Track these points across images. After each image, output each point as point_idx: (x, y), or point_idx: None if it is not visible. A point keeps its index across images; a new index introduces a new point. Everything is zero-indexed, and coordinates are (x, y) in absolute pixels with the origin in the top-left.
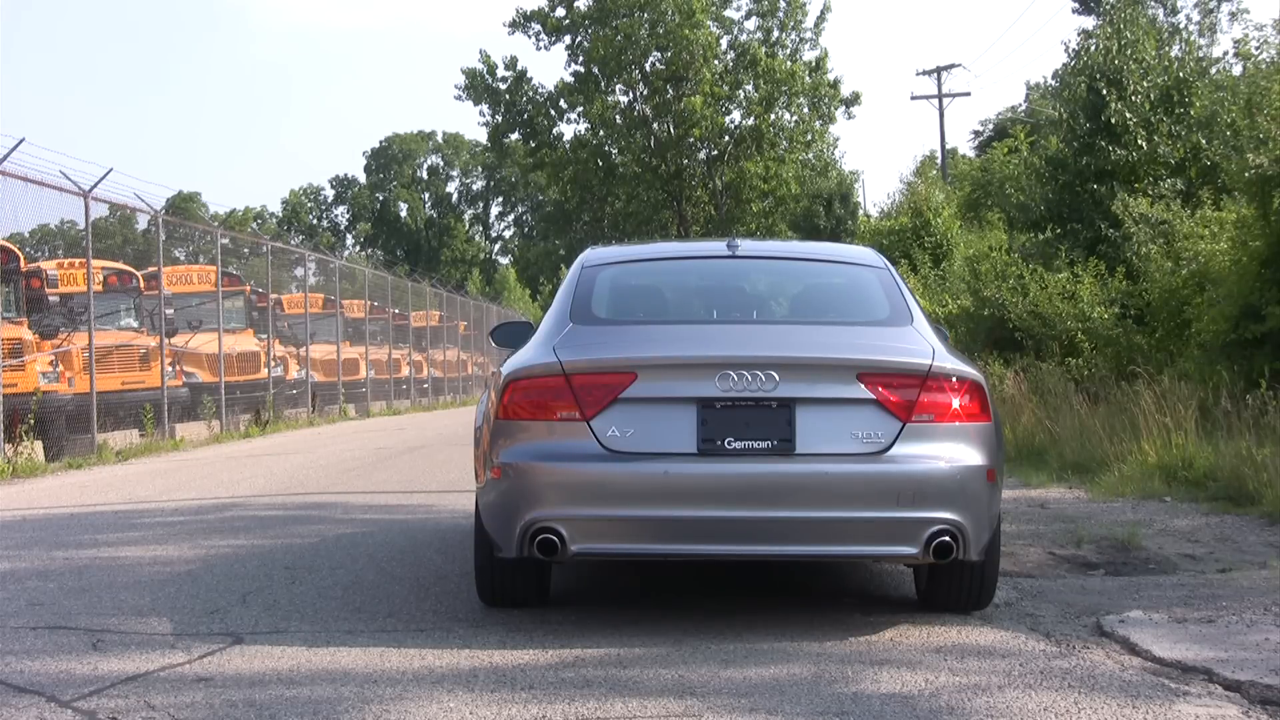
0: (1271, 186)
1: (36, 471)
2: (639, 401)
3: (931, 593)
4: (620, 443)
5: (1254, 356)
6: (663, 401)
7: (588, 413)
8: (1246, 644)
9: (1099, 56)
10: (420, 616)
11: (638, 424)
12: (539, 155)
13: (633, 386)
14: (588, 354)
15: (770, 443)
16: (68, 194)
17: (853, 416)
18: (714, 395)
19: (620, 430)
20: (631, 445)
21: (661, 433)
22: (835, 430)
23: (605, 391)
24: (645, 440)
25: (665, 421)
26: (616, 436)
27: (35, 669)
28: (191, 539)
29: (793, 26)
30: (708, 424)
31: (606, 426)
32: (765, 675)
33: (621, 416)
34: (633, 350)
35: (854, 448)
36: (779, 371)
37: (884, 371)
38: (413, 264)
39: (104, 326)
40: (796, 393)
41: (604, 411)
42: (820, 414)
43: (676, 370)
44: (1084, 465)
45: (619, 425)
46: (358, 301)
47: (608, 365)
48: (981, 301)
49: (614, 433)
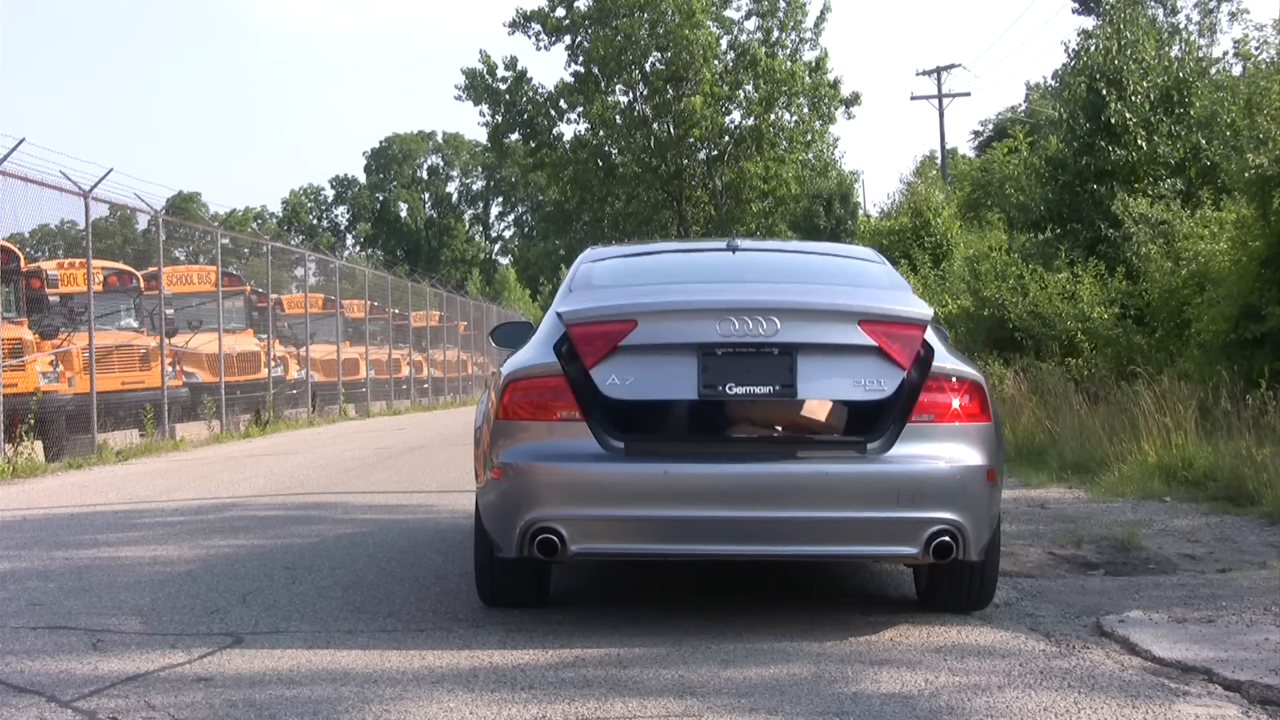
0: (1271, 186)
1: (36, 471)
2: (639, 349)
3: (931, 593)
4: (620, 390)
5: (1254, 356)
6: (663, 349)
7: (587, 362)
8: (1246, 644)
9: (1099, 56)
10: (420, 616)
11: (638, 371)
12: (539, 155)
13: (633, 334)
14: (587, 305)
15: (772, 388)
16: (68, 194)
17: (854, 364)
18: (715, 341)
19: (620, 379)
20: (631, 393)
21: (662, 380)
22: (837, 377)
23: (604, 341)
24: (645, 388)
25: (665, 368)
26: (616, 385)
27: (35, 669)
28: (191, 539)
29: (793, 26)
30: (708, 370)
31: (606, 375)
32: (765, 675)
33: (621, 365)
34: (633, 299)
35: (856, 394)
36: (780, 317)
37: (886, 319)
38: (413, 264)
39: (104, 326)
40: (798, 338)
41: (603, 361)
42: (822, 361)
43: (677, 316)
44: (1084, 465)
45: (619, 374)
46: (358, 301)
47: (607, 313)
48: (981, 301)
49: (614, 381)
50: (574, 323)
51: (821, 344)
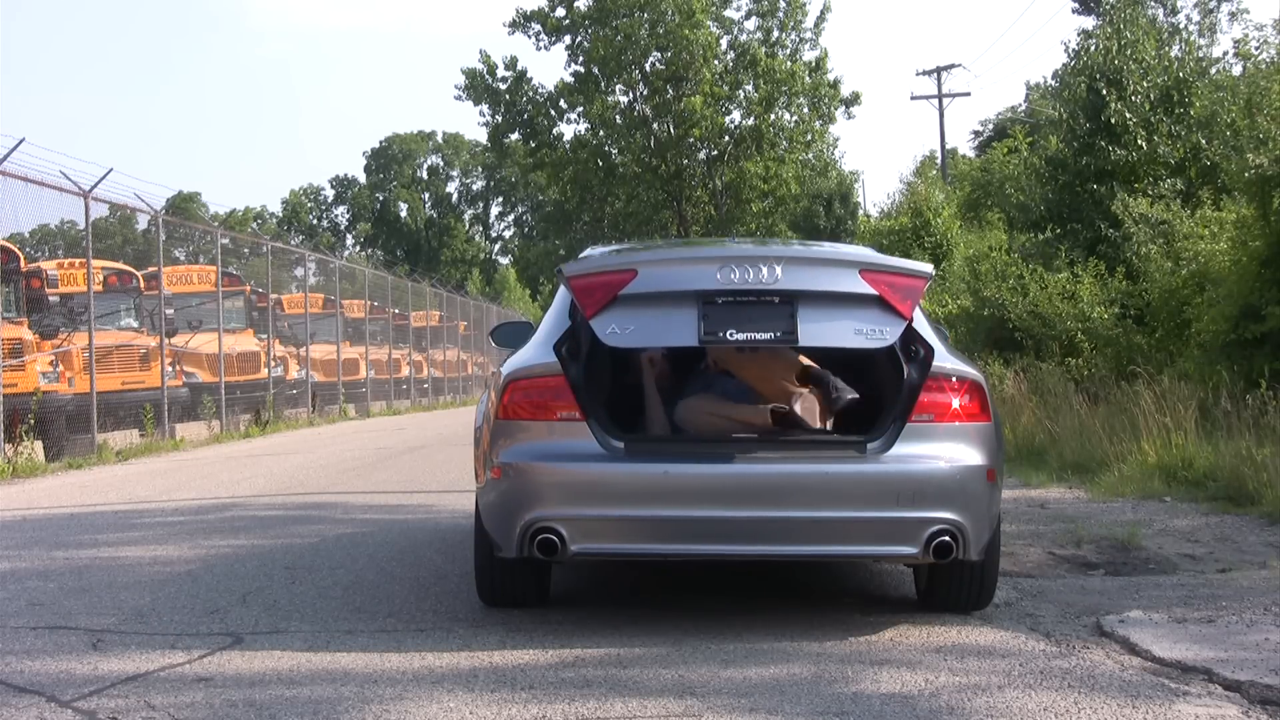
0: (1271, 186)
1: (36, 471)
2: (639, 298)
3: (931, 593)
4: (620, 339)
5: (1254, 356)
6: (663, 297)
7: (587, 313)
8: (1246, 644)
9: (1099, 56)
10: (420, 616)
11: (638, 320)
12: (539, 155)
13: (633, 284)
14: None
15: (773, 334)
16: (68, 194)
17: (855, 312)
18: (715, 288)
19: (620, 327)
20: (631, 341)
21: (662, 327)
22: (837, 326)
23: (605, 291)
24: (646, 335)
25: (666, 316)
26: (616, 333)
27: (35, 669)
28: (191, 539)
29: (793, 26)
30: (709, 318)
31: (606, 325)
32: (765, 675)
33: (621, 314)
34: (633, 255)
35: (857, 342)
36: (781, 265)
37: (887, 270)
38: (413, 264)
39: (104, 326)
40: (799, 284)
41: (603, 311)
42: (823, 309)
43: (677, 264)
44: (1084, 465)
45: (619, 323)
46: (358, 301)
47: (608, 265)
48: (981, 301)
49: (614, 330)
50: (574, 275)
51: (822, 291)
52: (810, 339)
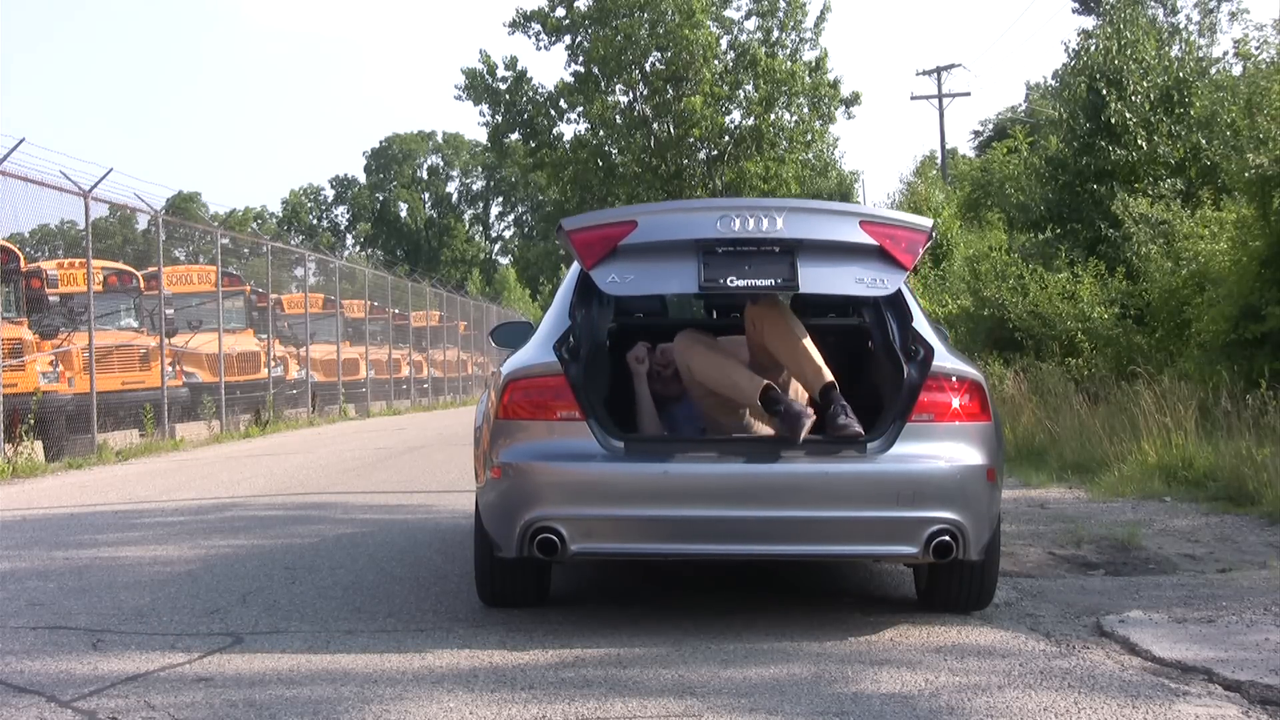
0: (1271, 186)
1: (36, 471)
2: (639, 248)
3: (931, 593)
4: (620, 287)
5: (1254, 356)
6: (663, 247)
7: (587, 264)
8: (1246, 644)
9: (1099, 56)
10: (420, 616)
11: (638, 270)
12: (539, 155)
13: (633, 234)
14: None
15: (773, 281)
16: (68, 194)
17: (856, 262)
18: (715, 237)
19: (620, 276)
20: (632, 289)
21: (663, 275)
22: (838, 273)
23: (604, 243)
24: (646, 283)
25: (666, 265)
26: (616, 282)
27: (35, 669)
28: (191, 539)
29: (793, 26)
30: (709, 266)
31: (606, 275)
32: (765, 675)
33: (621, 263)
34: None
35: (858, 290)
36: (781, 215)
37: (888, 222)
38: (413, 264)
39: (104, 326)
40: (799, 234)
41: (603, 262)
42: (823, 258)
43: (677, 212)
44: (1084, 465)
45: (619, 272)
46: (358, 301)
47: (607, 218)
48: (981, 301)
49: (614, 279)
50: (574, 229)
51: (823, 240)
52: (811, 286)
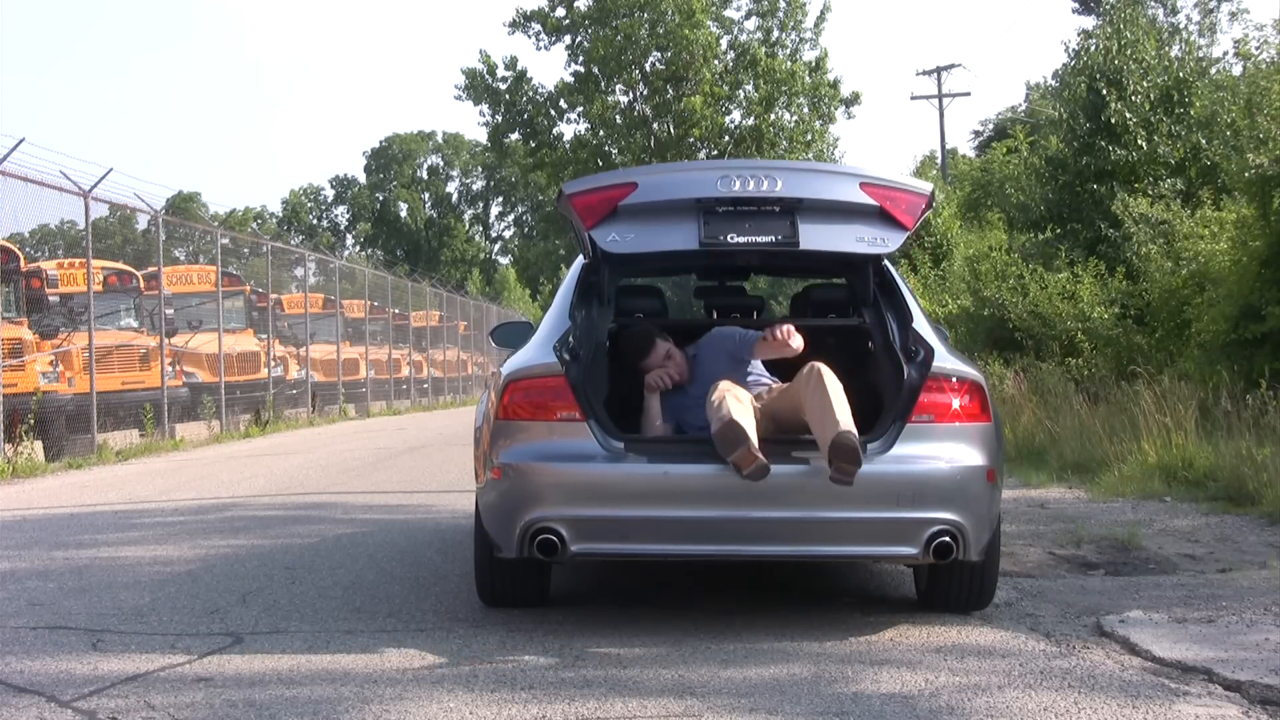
0: (1271, 186)
1: (36, 471)
2: (639, 208)
3: (931, 593)
4: (620, 245)
5: (1254, 356)
6: (663, 207)
7: (587, 224)
8: (1246, 644)
9: (1099, 56)
10: (420, 616)
11: (638, 229)
12: (539, 155)
13: (633, 195)
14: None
15: (774, 238)
16: (68, 194)
17: (856, 221)
18: (715, 196)
19: (620, 235)
20: (632, 247)
21: (663, 233)
22: (838, 231)
23: (605, 204)
24: (646, 241)
25: (666, 224)
26: (617, 241)
27: (35, 669)
28: (191, 539)
29: (793, 26)
30: (710, 224)
31: (606, 234)
32: (765, 675)
33: (621, 223)
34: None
35: (858, 248)
36: (782, 175)
37: (888, 185)
38: (413, 264)
39: (104, 326)
40: (799, 193)
41: (603, 222)
42: (823, 217)
43: (677, 174)
44: (1084, 465)
45: (619, 231)
46: (358, 301)
47: (608, 180)
48: (981, 301)
49: (614, 238)
50: (574, 192)
51: (823, 199)
52: (811, 243)
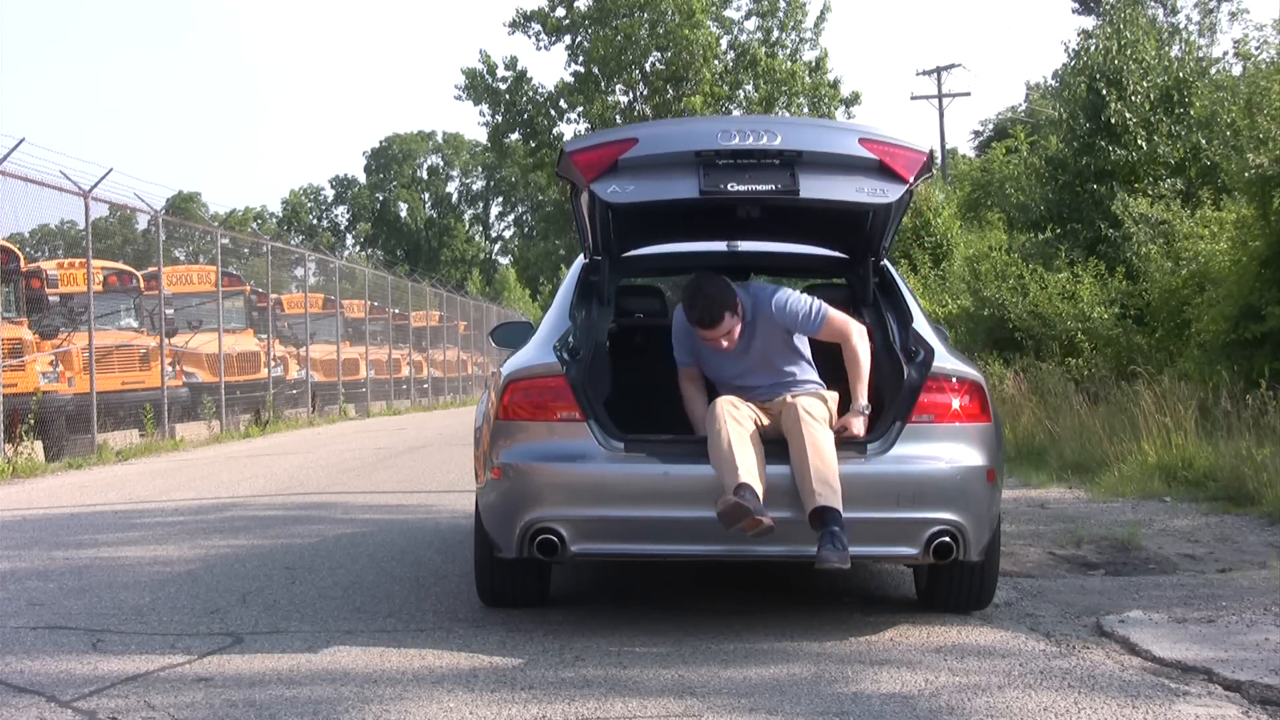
0: (1271, 186)
1: (36, 471)
2: (640, 161)
3: (931, 593)
4: (621, 196)
5: (1254, 356)
6: (663, 160)
7: (587, 178)
8: (1246, 644)
9: (1099, 56)
10: (420, 616)
11: (638, 181)
12: (539, 155)
13: (633, 150)
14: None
15: (774, 186)
16: (68, 194)
17: (856, 174)
18: (715, 148)
19: (621, 187)
20: (632, 197)
21: (663, 184)
22: (838, 183)
23: (605, 159)
24: (646, 191)
25: (666, 175)
26: (618, 192)
27: (35, 669)
28: (191, 539)
29: (793, 26)
30: (709, 176)
31: (607, 186)
32: (765, 675)
33: (621, 176)
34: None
35: (859, 198)
36: (781, 130)
37: (886, 141)
38: (413, 264)
39: (104, 326)
40: (799, 145)
41: (603, 175)
42: (823, 169)
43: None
44: (1084, 465)
45: (619, 183)
46: (358, 301)
47: (608, 137)
48: (981, 301)
49: (615, 189)
50: (575, 150)
51: (823, 152)
52: (811, 192)
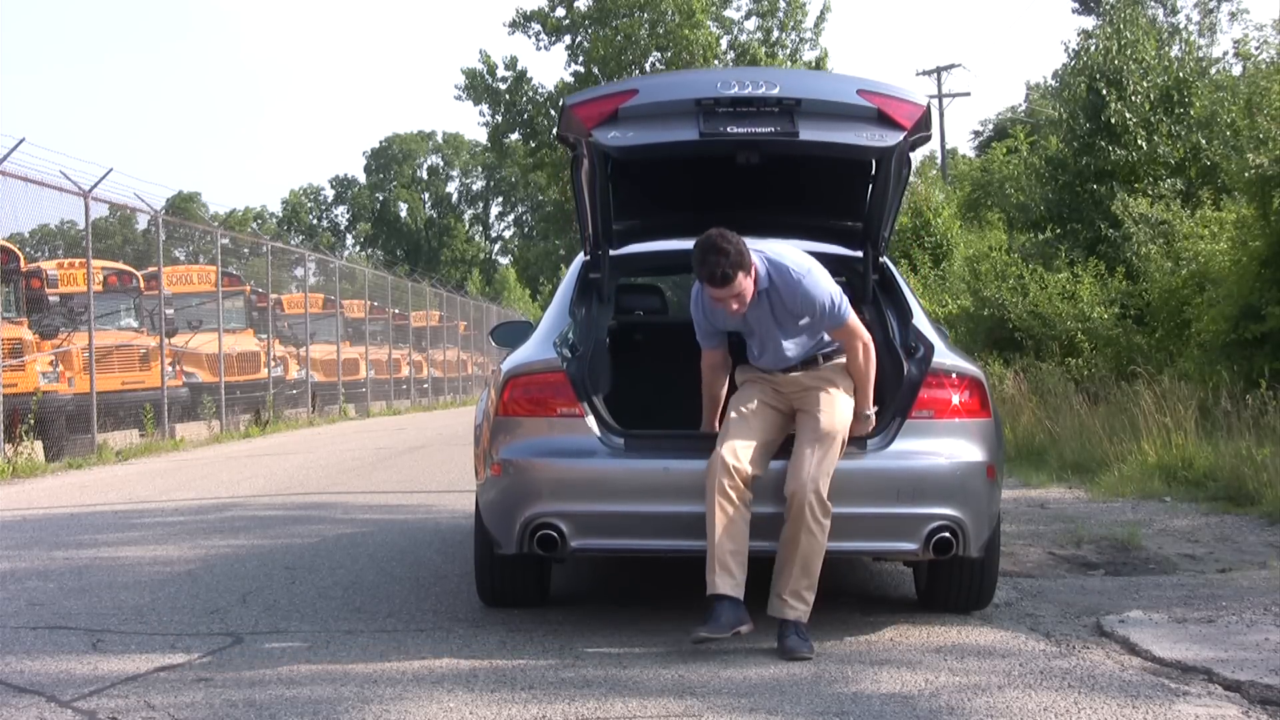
0: (1271, 186)
1: (36, 471)
2: (639, 111)
3: (931, 592)
4: (621, 140)
5: (1254, 356)
6: (664, 107)
7: (587, 126)
8: (1246, 644)
9: (1099, 56)
10: (420, 616)
11: (638, 128)
12: (539, 155)
13: (633, 100)
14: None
15: (773, 129)
16: (68, 194)
17: (854, 121)
18: (715, 96)
19: (621, 133)
20: (632, 142)
21: (663, 129)
22: (837, 128)
23: (606, 108)
24: (647, 136)
25: (666, 121)
26: (618, 138)
27: (35, 669)
28: (191, 539)
29: (793, 27)
30: (709, 121)
31: (607, 133)
32: (765, 675)
33: (621, 125)
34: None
35: (859, 140)
36: (780, 80)
37: (886, 92)
38: (413, 264)
39: (104, 326)
40: (798, 93)
41: (602, 124)
42: (822, 117)
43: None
44: (1084, 465)
45: (619, 130)
46: (358, 301)
47: (609, 89)
48: (981, 301)
49: (615, 135)
50: (576, 103)
51: (822, 100)
52: (810, 135)
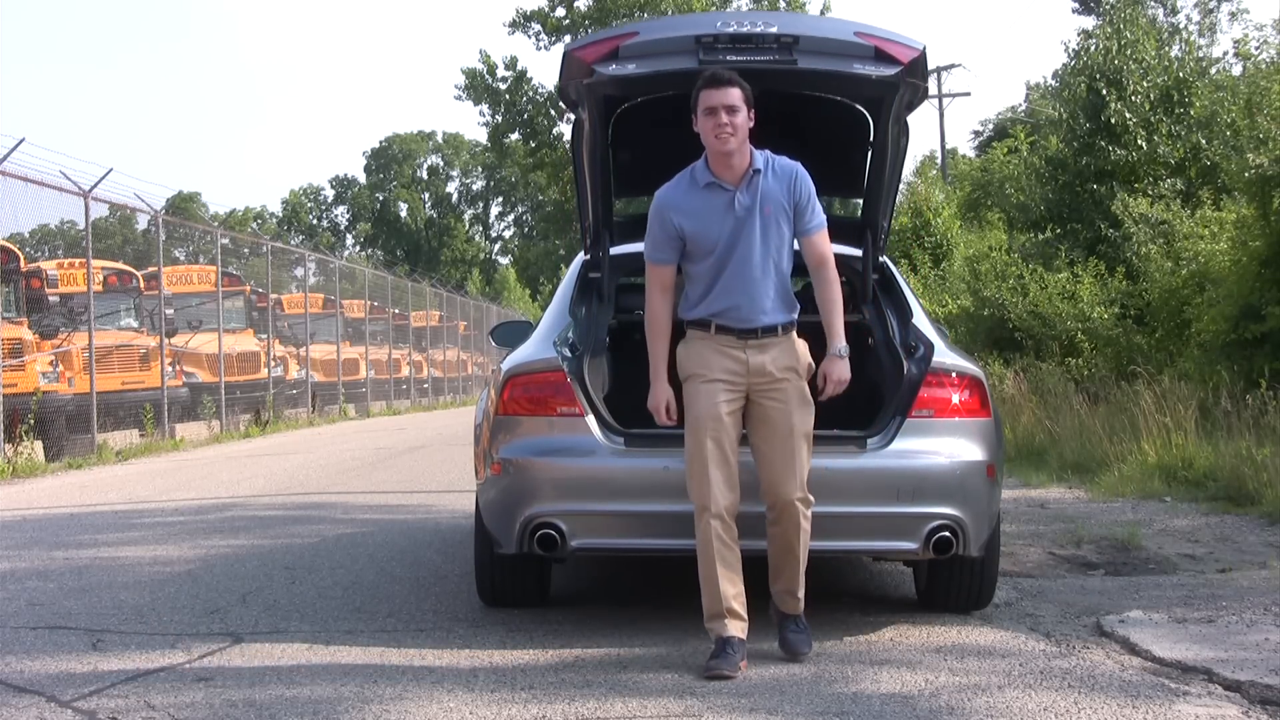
0: (1271, 186)
1: (36, 471)
2: (640, 47)
3: (931, 592)
4: (620, 70)
5: (1254, 356)
6: (663, 43)
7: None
8: (1246, 644)
9: (1099, 56)
10: (420, 616)
11: (638, 62)
12: (539, 155)
13: (633, 40)
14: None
15: (772, 57)
16: (68, 194)
17: (852, 58)
18: (714, 33)
19: (620, 66)
20: (631, 71)
21: (661, 61)
22: (836, 63)
23: (606, 48)
24: (646, 67)
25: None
26: (616, 68)
27: (35, 669)
28: (191, 539)
29: None
30: (708, 53)
31: (606, 65)
32: (765, 675)
33: (621, 60)
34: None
35: (857, 70)
36: (778, 20)
37: (883, 35)
38: (413, 264)
39: (104, 326)
40: (796, 31)
41: (603, 60)
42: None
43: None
44: (1084, 465)
45: (619, 64)
46: (358, 301)
47: (609, 32)
48: (981, 301)
49: (614, 68)
50: (575, 47)
51: (820, 37)
52: (808, 64)
